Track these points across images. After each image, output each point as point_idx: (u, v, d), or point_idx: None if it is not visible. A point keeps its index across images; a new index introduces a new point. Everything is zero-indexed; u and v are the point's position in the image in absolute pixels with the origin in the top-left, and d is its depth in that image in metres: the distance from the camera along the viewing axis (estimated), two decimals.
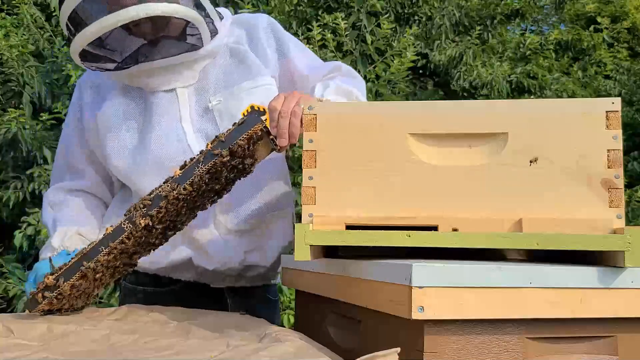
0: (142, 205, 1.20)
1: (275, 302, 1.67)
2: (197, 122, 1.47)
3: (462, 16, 5.12)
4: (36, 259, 4.06)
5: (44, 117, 3.76)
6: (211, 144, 1.22)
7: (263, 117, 1.25)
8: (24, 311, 1.27)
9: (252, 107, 1.25)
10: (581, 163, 0.99)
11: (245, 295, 1.57)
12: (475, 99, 4.58)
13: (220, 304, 1.53)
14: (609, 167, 0.98)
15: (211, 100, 1.47)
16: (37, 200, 3.79)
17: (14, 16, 4.11)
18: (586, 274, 0.94)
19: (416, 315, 0.88)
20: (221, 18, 1.49)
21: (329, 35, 4.01)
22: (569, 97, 5.32)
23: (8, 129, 3.58)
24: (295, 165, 3.06)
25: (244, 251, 1.49)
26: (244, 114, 1.25)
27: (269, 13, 3.92)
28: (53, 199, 1.59)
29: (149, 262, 1.48)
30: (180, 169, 1.21)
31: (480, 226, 1.00)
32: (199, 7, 1.37)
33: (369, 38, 4.22)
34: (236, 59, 1.50)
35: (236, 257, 1.48)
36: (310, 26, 4.00)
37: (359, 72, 4.16)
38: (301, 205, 1.06)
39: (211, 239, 1.47)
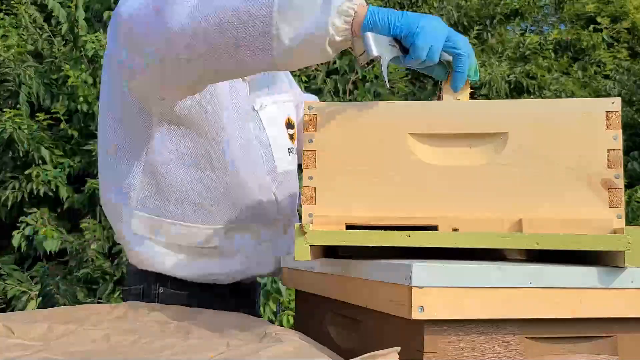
0: None
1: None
2: (251, 121, 1.47)
3: (461, 16, 5.12)
4: (35, 259, 4.07)
5: (40, 117, 3.76)
6: None
7: (294, 130, 1.50)
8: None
9: (288, 119, 1.48)
10: (581, 163, 0.99)
11: (254, 288, 1.61)
12: (475, 99, 4.55)
13: (251, 299, 1.57)
14: (609, 167, 0.98)
15: (256, 101, 1.47)
16: (35, 200, 3.79)
17: (13, 16, 4.11)
18: (586, 274, 0.94)
19: (416, 315, 0.88)
20: None
21: None
22: (568, 97, 5.32)
23: (4, 129, 3.57)
24: None
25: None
26: (285, 124, 1.52)
27: None
28: None
29: (222, 280, 1.46)
30: None
31: (480, 226, 1.00)
32: None
33: None
34: (268, 74, 1.53)
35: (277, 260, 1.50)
36: None
37: (357, 72, 4.17)
38: (301, 206, 1.06)
39: (279, 239, 1.49)
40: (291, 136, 1.56)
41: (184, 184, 1.37)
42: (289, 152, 1.53)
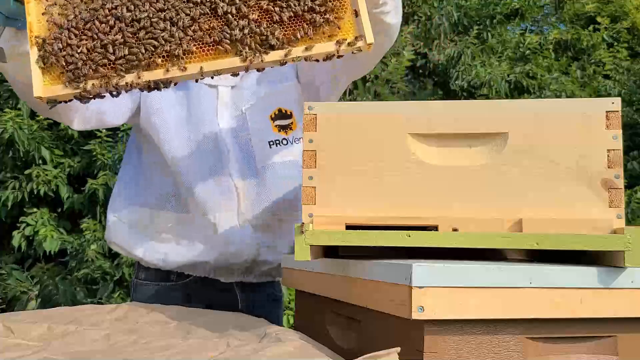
0: None
1: (280, 299, 1.71)
2: (231, 122, 1.56)
3: (461, 16, 5.12)
4: (35, 259, 4.07)
5: (40, 117, 3.75)
6: None
7: (289, 120, 1.53)
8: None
9: (279, 109, 1.46)
10: (581, 163, 0.99)
11: (254, 291, 1.61)
12: (475, 98, 4.58)
13: (229, 298, 1.58)
14: (609, 167, 0.98)
15: (244, 104, 1.56)
16: (35, 200, 3.79)
17: None
18: (586, 274, 0.94)
19: (416, 315, 0.88)
20: None
21: None
22: (568, 97, 5.32)
23: (4, 129, 3.57)
24: None
25: (257, 245, 1.53)
26: (271, 116, 1.53)
27: None
28: None
29: (162, 260, 1.54)
30: None
31: (480, 226, 1.00)
32: None
33: None
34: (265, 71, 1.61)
35: (250, 250, 1.52)
36: None
37: None
38: (301, 205, 1.06)
39: (231, 228, 1.51)
40: (282, 127, 1.57)
41: (146, 176, 1.60)
42: (271, 145, 1.55)
